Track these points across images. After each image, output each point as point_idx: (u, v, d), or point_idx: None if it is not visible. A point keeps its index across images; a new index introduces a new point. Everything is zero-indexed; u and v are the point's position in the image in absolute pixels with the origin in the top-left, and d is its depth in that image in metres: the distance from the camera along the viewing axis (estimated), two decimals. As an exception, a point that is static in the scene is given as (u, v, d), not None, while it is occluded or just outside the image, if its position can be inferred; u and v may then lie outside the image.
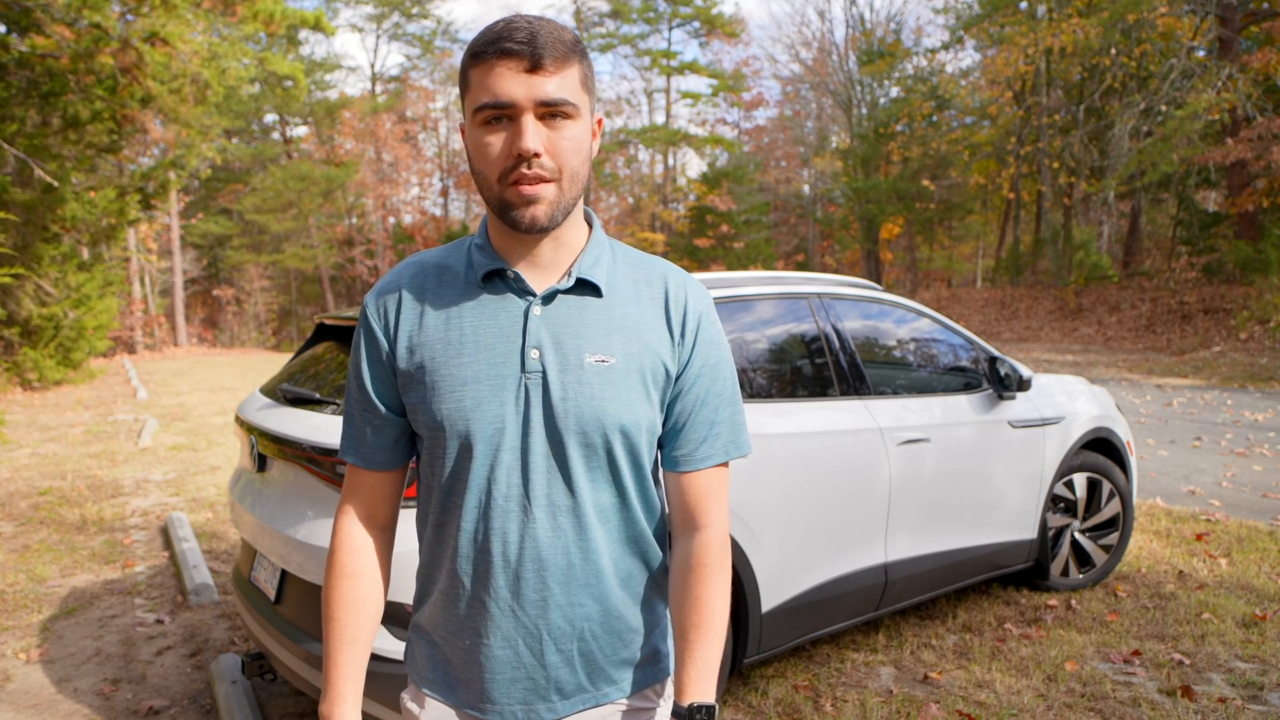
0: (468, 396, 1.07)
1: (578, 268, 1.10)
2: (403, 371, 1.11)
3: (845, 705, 2.95)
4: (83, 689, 3.16)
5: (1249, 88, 18.25)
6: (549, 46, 1.00)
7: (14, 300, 12.53)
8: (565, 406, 1.06)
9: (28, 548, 4.91)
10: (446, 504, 1.11)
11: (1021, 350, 19.09)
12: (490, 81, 1.00)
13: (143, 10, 11.13)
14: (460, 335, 1.09)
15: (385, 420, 1.15)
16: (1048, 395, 3.92)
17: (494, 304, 1.09)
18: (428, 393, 1.09)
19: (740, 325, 2.99)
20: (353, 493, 1.19)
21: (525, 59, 0.99)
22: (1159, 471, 6.60)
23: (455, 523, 1.11)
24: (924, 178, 32.01)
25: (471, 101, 1.03)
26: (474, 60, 1.02)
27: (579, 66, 1.04)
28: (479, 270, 1.10)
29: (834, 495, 2.96)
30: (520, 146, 1.00)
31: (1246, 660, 3.28)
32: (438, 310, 1.10)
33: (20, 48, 11.20)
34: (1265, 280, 17.18)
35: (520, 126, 1.00)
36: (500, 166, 1.02)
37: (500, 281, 1.10)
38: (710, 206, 32.15)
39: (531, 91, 1.00)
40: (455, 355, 1.08)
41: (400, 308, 1.12)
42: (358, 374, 1.15)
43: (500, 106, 1.00)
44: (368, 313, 1.14)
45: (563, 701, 1.14)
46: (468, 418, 1.07)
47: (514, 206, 1.03)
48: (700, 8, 34.31)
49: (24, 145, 11.16)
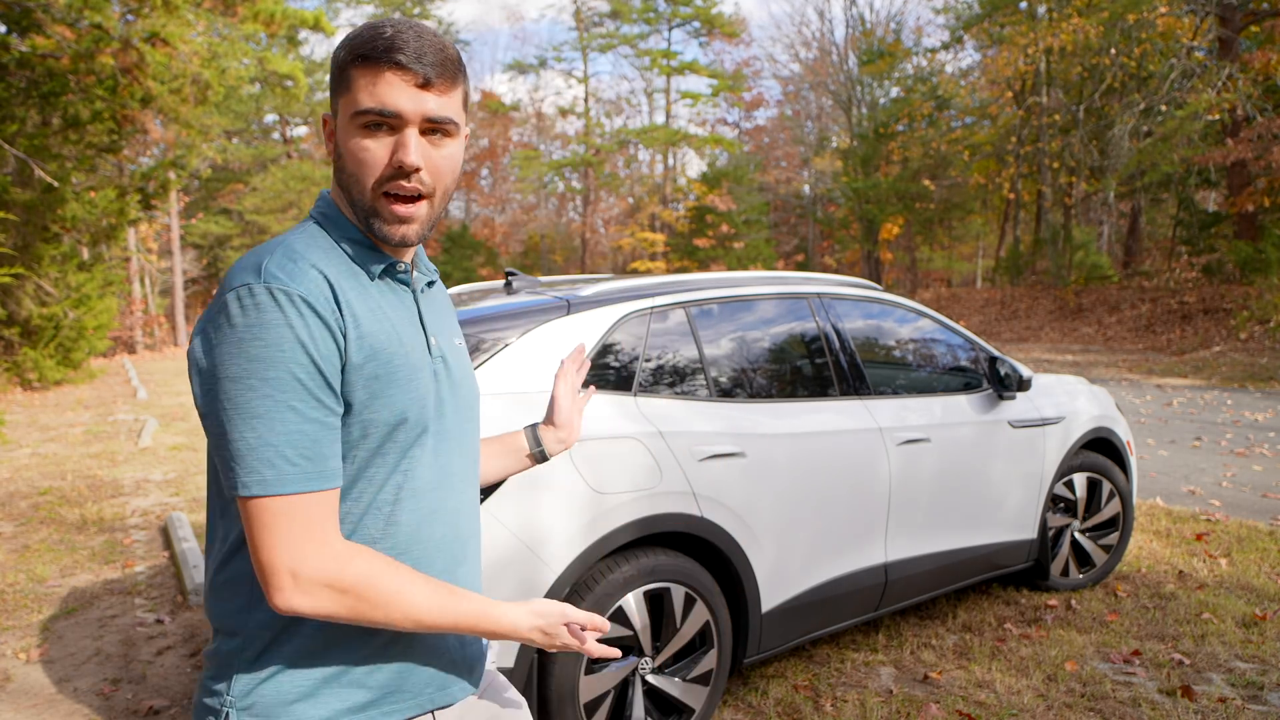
0: (419, 384, 1.07)
1: (425, 263, 1.21)
2: (354, 364, 1.00)
3: (845, 705, 2.95)
4: (83, 689, 3.16)
5: (1249, 88, 18.25)
6: (440, 65, 1.03)
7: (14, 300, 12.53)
8: (465, 385, 1.18)
9: (28, 548, 4.91)
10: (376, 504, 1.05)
11: (1021, 350, 19.09)
12: (379, 90, 1.01)
13: (143, 10, 11.14)
14: (391, 324, 1.06)
15: (338, 423, 1.01)
16: (1048, 395, 3.92)
17: (391, 295, 1.10)
18: (384, 385, 1.03)
19: (740, 325, 2.99)
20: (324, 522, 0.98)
21: (418, 75, 1.01)
22: (1159, 471, 6.60)
23: (389, 521, 1.06)
24: (924, 178, 32.01)
25: (351, 103, 1.03)
26: (361, 62, 1.02)
27: (462, 86, 1.08)
28: (372, 263, 1.08)
29: (834, 495, 2.96)
30: (404, 160, 1.02)
31: (1246, 660, 3.28)
32: (363, 299, 1.05)
33: (21, 48, 11.20)
34: (1265, 280, 17.18)
35: (404, 139, 1.02)
36: (377, 174, 1.03)
37: (389, 274, 1.12)
38: (710, 206, 32.14)
39: (420, 107, 1.02)
40: (397, 344, 1.05)
41: (335, 295, 1.01)
42: (316, 372, 0.97)
43: (385, 115, 1.01)
44: (308, 299, 0.97)
45: (472, 678, 1.20)
46: (421, 405, 1.07)
47: (386, 221, 1.05)
48: (700, 8, 34.31)
49: (24, 145, 11.16)
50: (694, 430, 2.65)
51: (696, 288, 2.91)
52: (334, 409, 0.99)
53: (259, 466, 0.94)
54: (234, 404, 0.94)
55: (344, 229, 1.09)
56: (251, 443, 0.94)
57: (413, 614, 1.01)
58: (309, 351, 0.96)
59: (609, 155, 36.24)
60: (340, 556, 0.98)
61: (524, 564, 2.29)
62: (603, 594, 2.42)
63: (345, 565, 0.98)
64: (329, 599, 0.97)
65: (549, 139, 41.58)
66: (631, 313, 2.71)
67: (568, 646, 1.14)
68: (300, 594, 0.96)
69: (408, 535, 1.08)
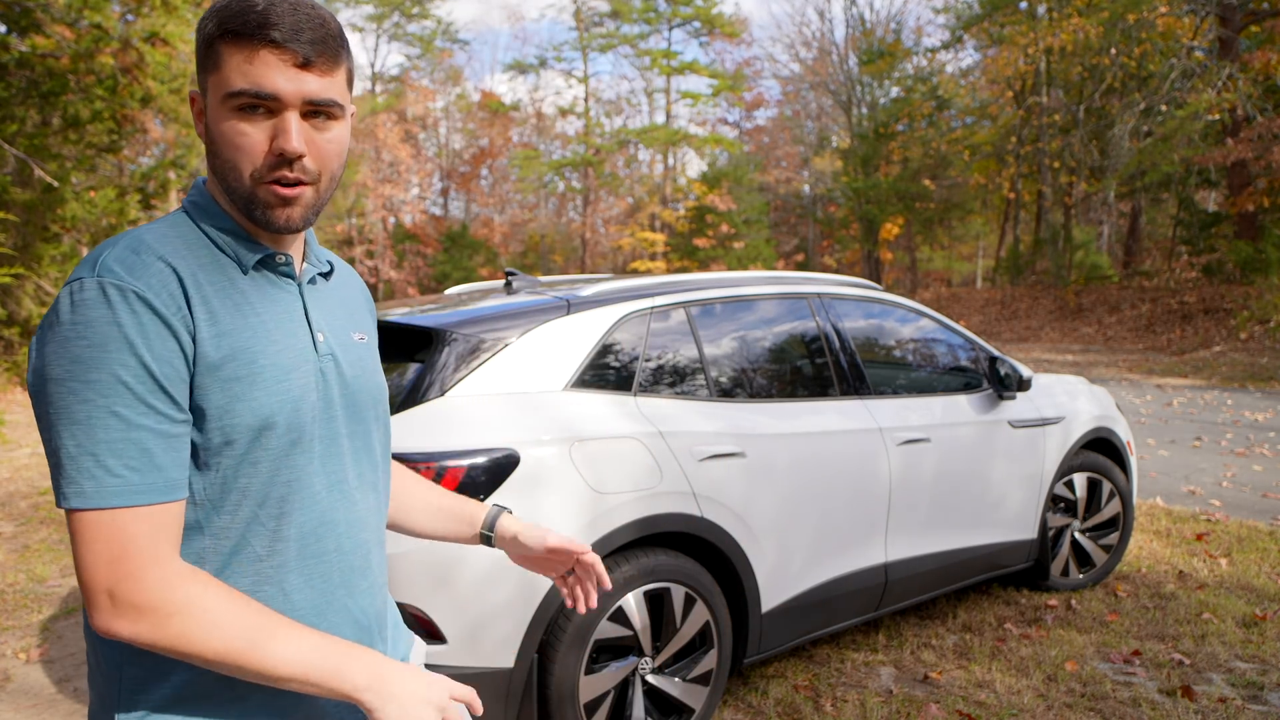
0: (293, 385, 0.97)
1: (317, 255, 1.11)
2: (207, 366, 0.91)
3: (845, 705, 2.95)
4: (83, 689, 3.16)
5: (1249, 88, 18.25)
6: (320, 43, 0.93)
7: (14, 300, 12.53)
8: (359, 384, 1.08)
9: (28, 548, 4.91)
10: (258, 519, 0.96)
11: (1021, 350, 19.09)
12: (253, 70, 0.91)
13: (143, 10, 11.14)
14: (260, 321, 0.97)
15: (184, 429, 0.91)
16: (1048, 395, 3.92)
17: (269, 290, 1.01)
18: (246, 387, 0.93)
19: (740, 325, 2.99)
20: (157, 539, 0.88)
21: (295, 54, 0.92)
22: (1159, 471, 6.60)
23: (275, 535, 0.97)
24: (924, 178, 32.01)
25: (221, 83, 0.92)
26: (231, 38, 0.91)
27: (346, 64, 0.99)
28: (245, 255, 0.99)
29: (834, 495, 2.96)
30: (284, 147, 0.93)
31: (1246, 660, 3.28)
32: (223, 294, 0.95)
33: (20, 48, 11.21)
34: (1265, 280, 17.18)
35: (284, 124, 0.93)
36: (256, 162, 0.94)
37: (266, 267, 1.02)
38: (710, 206, 32.13)
39: (300, 88, 0.93)
40: (265, 343, 0.96)
41: (185, 290, 0.92)
42: (146, 374, 0.87)
43: (262, 98, 0.92)
44: (143, 295, 0.88)
45: None
46: (295, 407, 0.97)
47: (269, 206, 0.96)
48: (700, 8, 34.29)
49: (24, 145, 11.16)
50: (694, 430, 2.65)
51: (696, 288, 2.91)
52: (170, 415, 0.89)
53: (78, 477, 0.85)
54: (55, 408, 0.85)
55: (216, 218, 1.00)
56: (71, 451, 0.85)
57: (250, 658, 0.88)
58: (138, 352, 0.86)
59: (609, 155, 36.22)
60: (167, 580, 0.87)
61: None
62: (603, 594, 2.42)
63: (172, 590, 0.87)
64: (149, 626, 0.86)
65: (549, 139, 41.57)
66: (631, 313, 2.70)
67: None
68: (118, 617, 0.86)
69: (296, 549, 0.99)
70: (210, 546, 0.95)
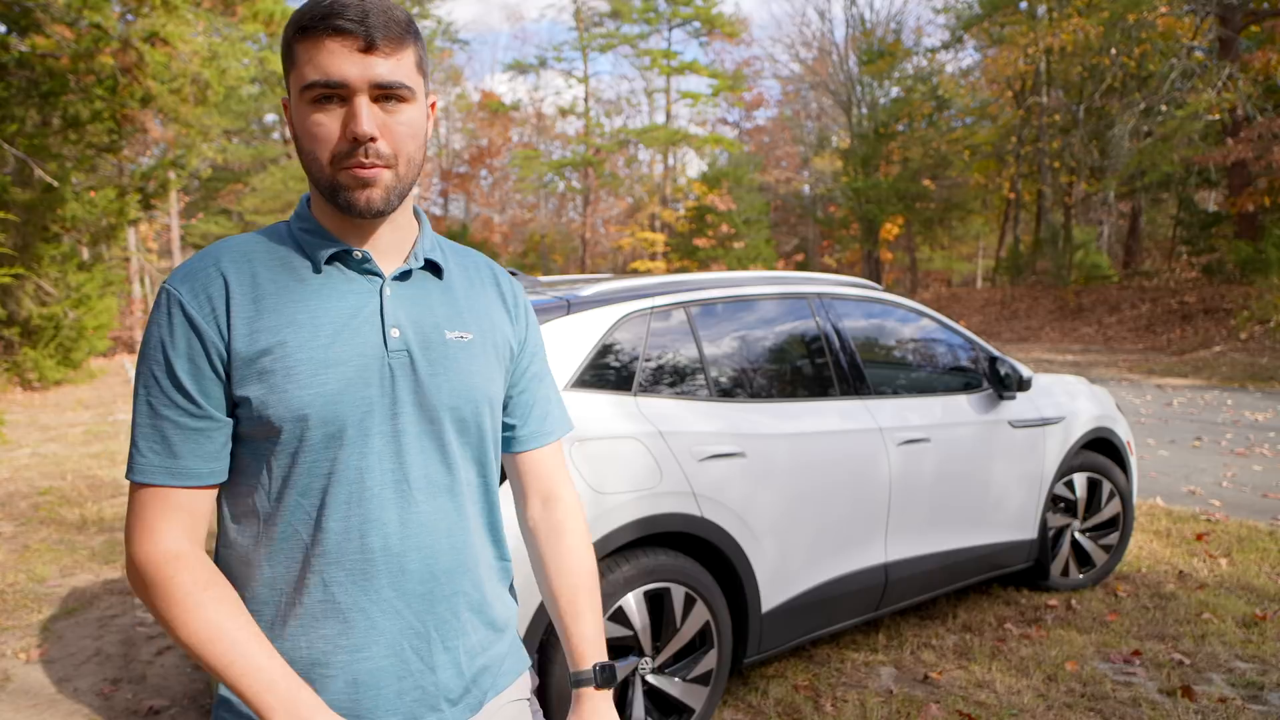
0: (332, 380, 0.99)
1: (420, 250, 1.09)
2: (242, 361, 0.98)
3: (845, 705, 2.95)
4: (83, 689, 3.16)
5: (1249, 88, 18.25)
6: (383, 26, 0.96)
7: (14, 300, 12.53)
8: (436, 383, 1.05)
9: (28, 548, 4.91)
10: (301, 507, 1.01)
11: (1021, 350, 19.09)
12: (321, 59, 0.95)
13: (143, 10, 11.14)
14: (312, 318, 1.00)
15: (213, 424, 1.00)
16: (1048, 395, 3.92)
17: (340, 286, 1.03)
18: (281, 381, 0.98)
19: (740, 325, 2.99)
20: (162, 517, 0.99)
21: (359, 38, 0.95)
22: (1159, 471, 6.60)
23: (317, 525, 1.01)
24: (924, 178, 32.02)
25: (298, 78, 0.97)
26: (301, 34, 0.96)
27: (414, 48, 1.01)
28: (317, 252, 1.03)
29: (834, 495, 2.96)
30: (356, 130, 0.96)
31: (1247, 660, 3.28)
32: (276, 293, 1.00)
33: (20, 48, 11.21)
34: (1265, 280, 17.17)
35: (354, 108, 0.96)
36: (333, 149, 0.98)
37: (343, 264, 1.04)
38: (710, 206, 32.12)
39: (366, 72, 0.95)
40: (310, 338, 0.99)
41: (229, 292, 0.99)
42: (170, 374, 0.98)
43: (332, 86, 0.95)
44: (182, 300, 0.98)
45: (452, 708, 1.09)
46: (335, 403, 0.99)
47: (348, 189, 0.99)
48: (700, 8, 34.30)
49: (24, 145, 11.16)
50: (694, 430, 2.65)
51: (696, 288, 2.91)
52: (188, 410, 0.98)
53: (131, 451, 1.00)
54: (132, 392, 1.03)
55: (303, 219, 1.06)
56: (131, 430, 1.01)
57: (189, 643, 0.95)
58: (166, 352, 0.98)
59: (609, 155, 36.23)
60: (153, 556, 0.97)
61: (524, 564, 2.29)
62: (603, 594, 2.42)
63: (155, 567, 0.97)
64: (138, 587, 0.99)
65: (549, 139, 41.59)
66: (631, 313, 2.70)
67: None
68: (129, 570, 1.00)
69: (337, 542, 1.01)
70: (263, 531, 1.03)
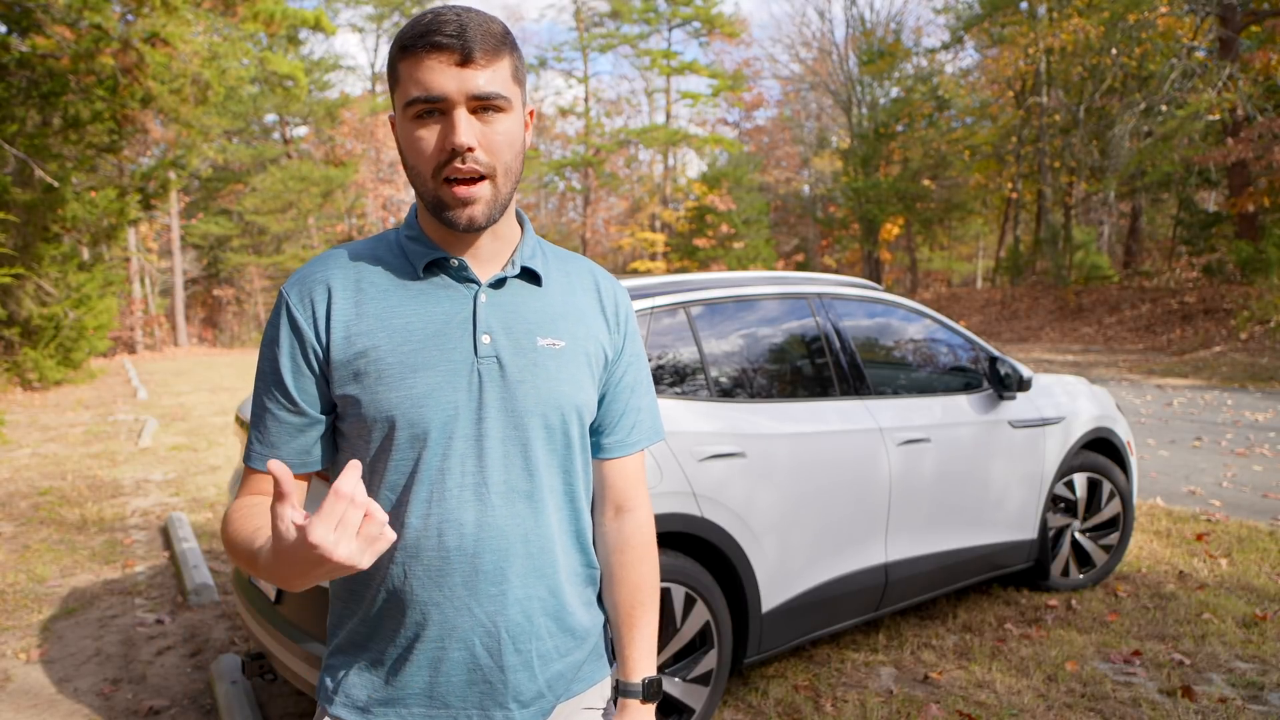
0: (420, 384, 1.04)
1: (519, 257, 1.12)
2: (339, 363, 1.05)
3: (845, 705, 2.95)
4: (83, 689, 3.16)
5: (1249, 88, 18.24)
6: (479, 39, 0.99)
7: (14, 300, 12.52)
8: (524, 389, 1.08)
9: (28, 548, 4.91)
10: (389, 501, 1.07)
11: (1021, 350, 19.09)
12: (421, 75, 0.99)
13: (143, 11, 11.13)
14: (406, 323, 1.05)
15: (307, 420, 1.08)
16: (1048, 395, 3.92)
17: (437, 292, 1.08)
18: (373, 382, 1.04)
19: (740, 325, 2.99)
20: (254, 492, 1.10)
21: (456, 52, 0.98)
22: (1159, 471, 6.60)
23: (401, 520, 1.06)
24: (924, 178, 32.01)
25: (402, 95, 1.02)
26: (403, 53, 1.01)
27: (510, 59, 1.03)
28: (418, 260, 1.08)
29: (834, 495, 2.96)
30: (454, 141, 0.99)
31: (1247, 660, 3.28)
32: (376, 299, 1.06)
33: (21, 48, 11.20)
34: (1265, 280, 17.18)
35: (453, 120, 0.99)
36: (434, 161, 1.01)
37: (442, 271, 1.09)
38: (710, 206, 32.13)
39: (463, 85, 0.99)
40: (401, 343, 1.04)
41: (331, 296, 1.06)
42: (274, 371, 1.06)
43: (431, 100, 0.99)
44: (289, 304, 1.07)
45: (521, 710, 1.10)
46: (421, 405, 1.04)
47: (449, 207, 1.03)
48: (700, 8, 34.30)
49: (24, 145, 11.16)
50: (694, 430, 2.65)
51: (696, 288, 2.91)
52: (285, 405, 1.07)
53: (248, 437, 1.11)
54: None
55: (409, 227, 1.12)
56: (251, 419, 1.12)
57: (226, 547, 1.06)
58: (274, 350, 1.07)
59: (609, 155, 36.23)
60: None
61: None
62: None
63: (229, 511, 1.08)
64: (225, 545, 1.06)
65: (549, 139, 41.57)
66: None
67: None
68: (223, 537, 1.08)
69: (415, 537, 1.05)
70: None
